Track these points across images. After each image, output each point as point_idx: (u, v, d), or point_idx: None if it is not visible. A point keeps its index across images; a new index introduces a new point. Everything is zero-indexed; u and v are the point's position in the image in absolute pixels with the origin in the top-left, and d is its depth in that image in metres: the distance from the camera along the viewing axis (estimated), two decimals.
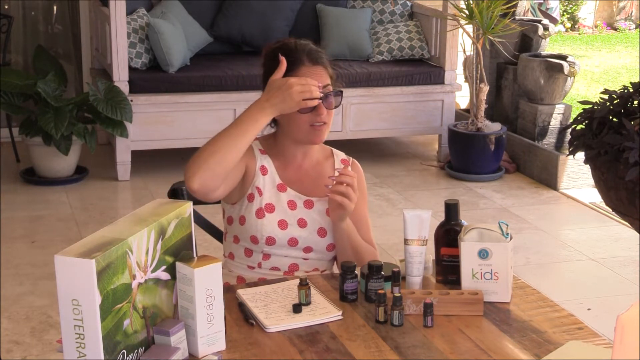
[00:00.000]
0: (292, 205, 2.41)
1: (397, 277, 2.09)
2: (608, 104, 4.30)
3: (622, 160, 4.06)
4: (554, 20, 10.58)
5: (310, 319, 2.00)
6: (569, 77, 5.90)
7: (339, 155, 2.54)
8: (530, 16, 7.41)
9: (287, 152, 2.45)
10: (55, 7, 7.09)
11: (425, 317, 1.99)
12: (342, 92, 2.40)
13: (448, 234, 2.19)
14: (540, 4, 10.65)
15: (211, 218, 2.71)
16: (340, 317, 2.02)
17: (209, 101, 5.70)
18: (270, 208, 2.39)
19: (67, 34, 7.09)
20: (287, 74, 2.32)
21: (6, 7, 6.92)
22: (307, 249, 2.41)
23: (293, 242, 2.39)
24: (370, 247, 2.45)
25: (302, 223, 2.40)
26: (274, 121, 2.44)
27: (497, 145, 5.79)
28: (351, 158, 2.55)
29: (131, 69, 5.67)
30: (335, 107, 2.39)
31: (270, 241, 2.38)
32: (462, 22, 5.85)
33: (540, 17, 8.80)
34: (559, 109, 5.99)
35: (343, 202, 2.31)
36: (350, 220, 2.39)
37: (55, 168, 5.62)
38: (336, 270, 2.48)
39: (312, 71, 2.36)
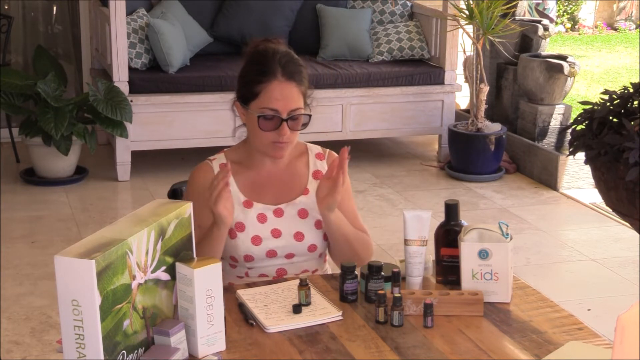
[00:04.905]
0: (262, 218, 2.37)
1: (397, 278, 2.09)
2: (608, 104, 4.30)
3: (622, 160, 4.06)
4: (550, 21, 10.57)
5: (310, 320, 2.00)
6: (569, 78, 5.90)
7: (314, 149, 2.48)
8: (527, 16, 7.41)
9: (256, 159, 2.40)
10: (55, 7, 7.10)
11: (425, 317, 1.99)
12: (310, 115, 2.34)
13: (448, 234, 2.19)
14: (537, 4, 10.64)
15: None
16: (340, 318, 2.02)
17: (209, 101, 5.70)
18: (241, 227, 2.35)
19: (67, 34, 7.09)
20: (259, 85, 2.29)
21: (6, 7, 6.92)
22: (289, 255, 2.38)
23: (272, 254, 2.36)
24: (362, 234, 2.41)
25: (276, 233, 2.36)
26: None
27: (497, 145, 5.79)
28: (327, 150, 2.50)
29: (131, 69, 5.67)
30: (302, 127, 2.33)
31: (249, 258, 2.35)
32: (462, 22, 5.85)
33: (537, 17, 8.79)
34: (559, 109, 5.99)
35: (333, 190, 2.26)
36: (339, 212, 2.34)
37: (55, 168, 5.62)
38: (328, 268, 2.48)
39: (284, 87, 2.29)
